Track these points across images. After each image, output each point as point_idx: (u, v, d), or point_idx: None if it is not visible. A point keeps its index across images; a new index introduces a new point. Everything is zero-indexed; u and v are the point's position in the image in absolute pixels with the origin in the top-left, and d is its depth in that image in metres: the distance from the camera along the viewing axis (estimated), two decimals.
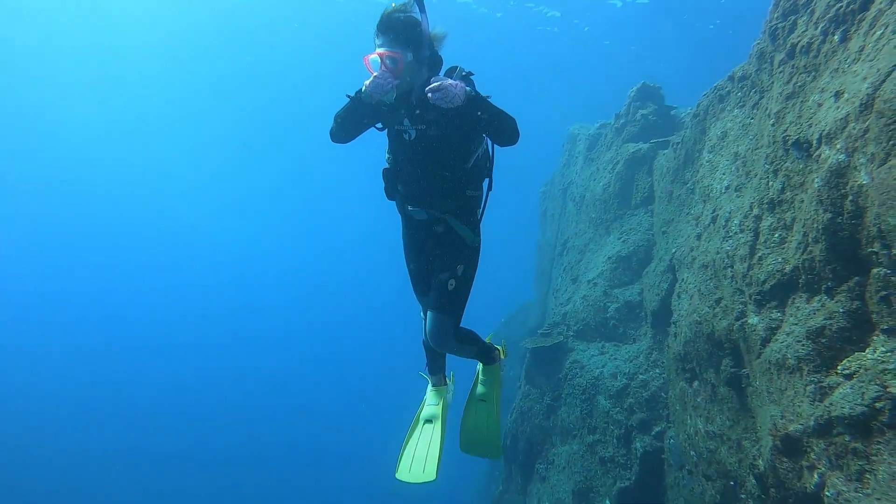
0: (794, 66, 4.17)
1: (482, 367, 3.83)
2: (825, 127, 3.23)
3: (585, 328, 9.05)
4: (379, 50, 2.76)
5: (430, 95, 2.61)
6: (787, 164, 3.80)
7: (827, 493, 2.91)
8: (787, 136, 3.79)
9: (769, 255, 3.88)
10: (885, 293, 2.79)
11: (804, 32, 4.11)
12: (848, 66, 3.32)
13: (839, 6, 3.66)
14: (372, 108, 2.91)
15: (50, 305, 42.12)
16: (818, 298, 3.31)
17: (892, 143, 2.55)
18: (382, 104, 2.91)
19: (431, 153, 2.97)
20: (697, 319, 4.95)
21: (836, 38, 3.64)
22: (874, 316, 2.92)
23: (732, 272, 4.44)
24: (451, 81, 2.65)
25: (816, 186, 3.22)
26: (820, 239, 3.21)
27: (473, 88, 2.87)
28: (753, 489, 3.97)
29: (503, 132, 2.85)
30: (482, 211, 3.29)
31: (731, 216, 4.77)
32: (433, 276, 3.26)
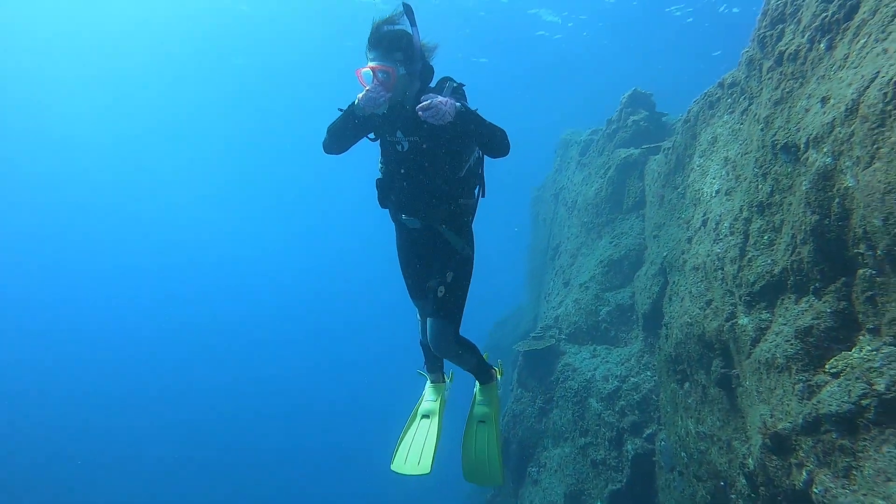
0: (782, 72, 4.27)
1: (479, 387, 3.79)
2: (812, 131, 3.31)
3: (577, 331, 9.11)
4: (371, 64, 2.79)
5: (420, 114, 2.65)
6: (775, 167, 3.88)
7: (815, 489, 2.96)
8: (775, 140, 3.88)
9: (759, 256, 3.96)
10: (870, 293, 2.87)
11: (791, 41, 4.20)
12: (833, 72, 3.41)
13: (825, 16, 3.75)
14: (364, 119, 2.95)
15: (55, 310, 42.34)
16: (806, 299, 3.39)
17: (876, 146, 2.63)
18: (375, 116, 2.95)
19: (424, 164, 3.00)
20: (688, 321, 5.02)
21: (822, 46, 3.73)
22: (860, 316, 2.99)
23: (723, 274, 4.51)
24: (440, 99, 2.67)
25: (804, 189, 3.30)
26: (808, 240, 3.29)
27: (464, 101, 2.92)
28: (743, 489, 4.02)
29: (494, 145, 2.89)
30: (472, 217, 3.32)
31: (721, 219, 4.85)
32: (426, 281, 3.31)
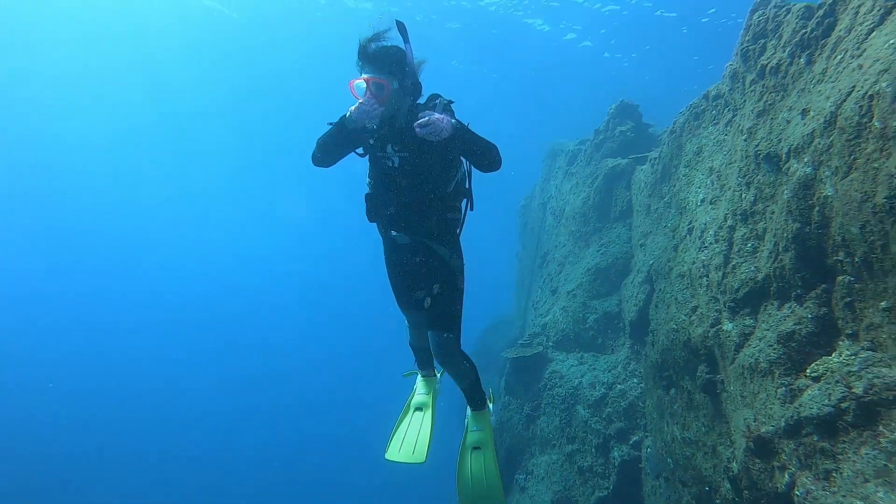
0: (764, 85, 4.39)
1: (472, 414, 3.72)
2: (793, 142, 3.41)
3: (565, 339, 9.18)
4: (365, 75, 2.82)
5: (417, 130, 2.68)
6: (758, 177, 3.99)
7: (797, 492, 3.03)
8: (758, 150, 3.98)
9: (742, 264, 4.05)
10: (849, 299, 2.95)
11: (773, 55, 4.33)
12: (813, 86, 3.53)
13: (804, 32, 3.88)
14: (354, 134, 2.96)
15: (51, 309, 42.42)
16: (788, 305, 3.47)
17: (853, 156, 2.72)
18: (364, 131, 2.97)
19: (413, 179, 3.03)
20: (674, 327, 5.10)
21: (802, 60, 3.85)
22: (840, 321, 3.08)
23: (708, 281, 4.60)
24: (438, 115, 2.72)
25: (786, 198, 3.40)
26: (789, 248, 3.38)
27: (455, 118, 2.96)
28: (728, 493, 4.08)
29: (486, 161, 2.94)
30: (460, 230, 3.36)
31: (706, 227, 4.95)
32: (414, 294, 3.37)
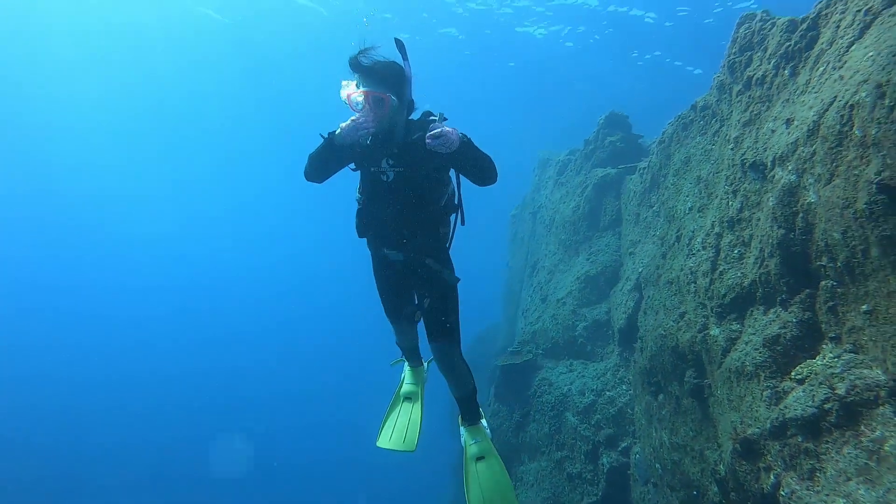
0: (750, 96, 4.51)
1: (467, 429, 3.66)
2: (778, 150, 3.51)
3: (554, 346, 9.23)
4: (364, 89, 2.82)
5: (429, 142, 2.72)
6: (745, 185, 4.08)
7: (782, 492, 3.08)
8: (744, 159, 4.08)
9: (729, 270, 4.13)
10: (832, 303, 3.03)
11: (759, 67, 4.45)
12: (797, 96, 3.64)
13: (788, 45, 4.01)
14: (346, 149, 2.96)
15: (37, 300, 42.79)
16: (774, 310, 3.55)
17: (835, 164, 2.81)
18: (358, 146, 2.98)
19: (408, 194, 3.05)
20: (662, 333, 5.17)
21: (786, 72, 3.97)
22: (823, 325, 3.16)
23: (695, 287, 4.68)
24: (448, 129, 2.75)
25: (771, 205, 3.49)
26: (775, 254, 3.47)
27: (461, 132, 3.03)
28: (715, 496, 4.14)
29: (486, 174, 2.98)
30: (450, 241, 3.40)
31: (694, 235, 5.04)
32: (404, 307, 3.46)
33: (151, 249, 51.78)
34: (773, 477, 3.19)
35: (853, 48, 3.09)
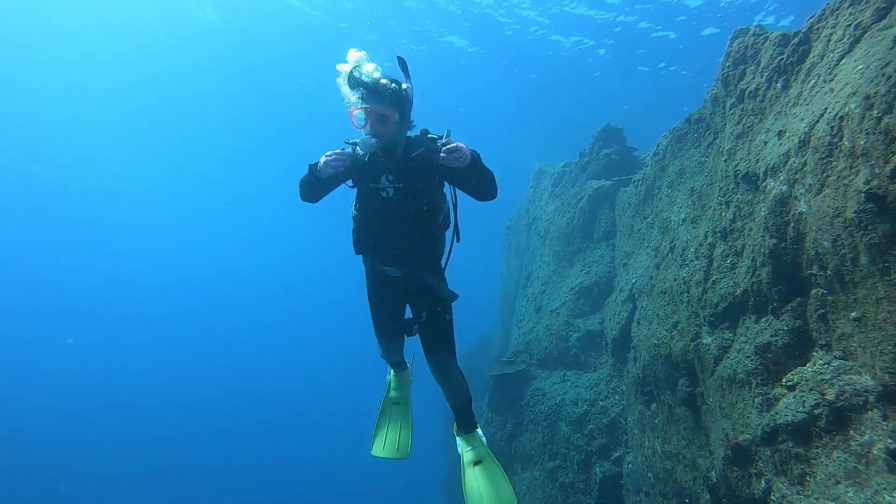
0: (743, 109, 4.59)
1: (463, 437, 3.64)
2: (770, 161, 3.58)
3: (548, 356, 9.25)
4: (366, 105, 2.87)
5: (443, 156, 2.78)
6: (737, 195, 4.15)
7: (773, 497, 3.11)
8: (737, 170, 4.15)
9: (722, 279, 4.18)
10: (822, 311, 3.08)
11: (752, 80, 4.54)
12: (789, 109, 3.71)
13: (781, 58, 4.10)
14: (327, 181, 3.03)
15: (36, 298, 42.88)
16: (765, 318, 3.60)
17: (825, 174, 2.88)
18: (358, 163, 3.04)
19: (407, 211, 3.09)
20: (656, 342, 5.21)
21: (778, 85, 4.05)
22: (814, 333, 3.21)
23: (688, 297, 4.73)
24: (461, 144, 2.82)
25: (763, 215, 3.55)
26: (766, 263, 3.52)
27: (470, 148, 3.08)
28: (707, 503, 4.16)
29: (488, 190, 3.04)
30: (446, 261, 3.43)
31: (687, 245, 5.10)
32: (398, 323, 3.48)
33: (151, 248, 52.27)
34: (764, 482, 3.22)
35: (843, 61, 3.17)
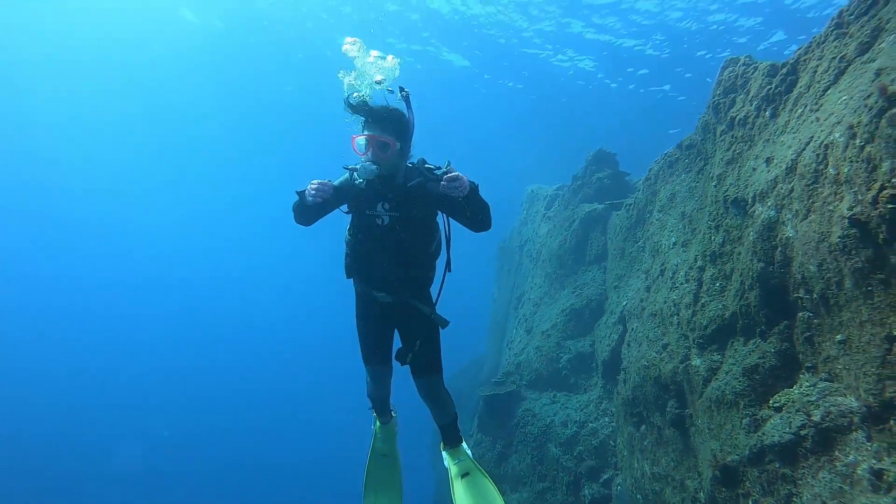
0: (733, 136, 4.71)
1: (450, 452, 3.70)
2: (759, 187, 3.68)
3: (538, 378, 9.24)
4: (368, 132, 2.95)
5: (444, 184, 2.83)
6: (727, 220, 4.24)
7: None
8: (727, 195, 4.25)
9: (711, 302, 4.25)
10: (808, 334, 3.15)
11: (741, 108, 4.67)
12: (777, 136, 3.83)
13: (769, 88, 4.23)
14: (315, 209, 3.09)
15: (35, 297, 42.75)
16: (753, 340, 3.66)
17: (811, 200, 2.96)
18: (354, 189, 3.11)
19: (402, 238, 3.14)
20: (645, 364, 5.24)
21: (767, 113, 4.18)
22: (800, 355, 3.26)
23: (678, 319, 4.78)
24: (461, 174, 2.87)
25: (751, 239, 3.63)
26: (755, 286, 3.59)
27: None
28: None
29: (483, 220, 3.08)
30: (440, 289, 3.45)
31: (677, 268, 5.18)
32: (387, 349, 3.50)
33: (151, 248, 52.23)
34: (751, 503, 3.24)
35: (829, 92, 3.29)
